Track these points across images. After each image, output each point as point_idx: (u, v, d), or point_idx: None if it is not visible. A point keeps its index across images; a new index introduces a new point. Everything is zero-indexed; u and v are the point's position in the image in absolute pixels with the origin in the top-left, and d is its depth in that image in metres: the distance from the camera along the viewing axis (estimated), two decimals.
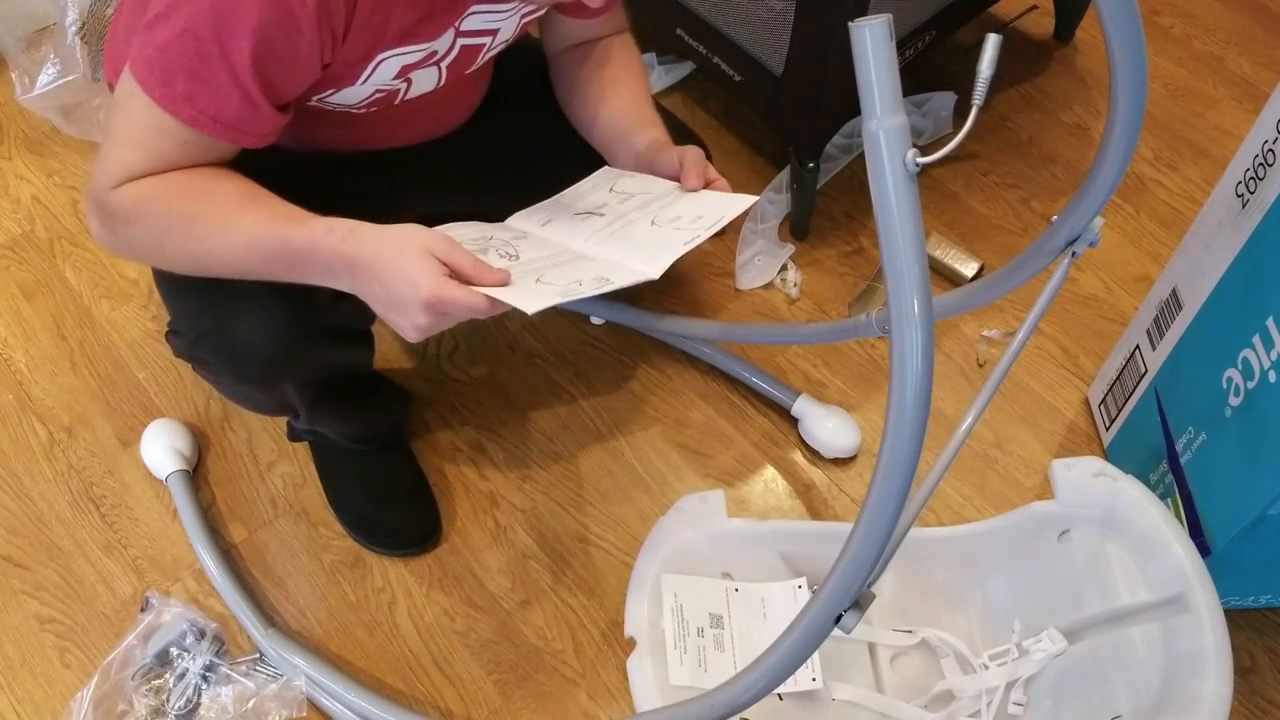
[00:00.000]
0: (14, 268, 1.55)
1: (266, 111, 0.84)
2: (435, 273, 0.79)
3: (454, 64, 0.98)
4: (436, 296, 0.79)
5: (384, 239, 0.82)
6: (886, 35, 0.64)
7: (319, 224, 0.84)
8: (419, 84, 0.97)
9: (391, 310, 0.82)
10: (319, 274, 0.85)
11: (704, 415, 1.43)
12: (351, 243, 0.82)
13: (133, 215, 0.86)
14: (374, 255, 0.81)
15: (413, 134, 1.12)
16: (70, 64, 1.62)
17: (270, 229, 0.84)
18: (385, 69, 0.91)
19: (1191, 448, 1.16)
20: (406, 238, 0.81)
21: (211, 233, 0.85)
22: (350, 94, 0.93)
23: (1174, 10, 1.97)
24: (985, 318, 1.53)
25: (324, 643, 1.23)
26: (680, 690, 1.09)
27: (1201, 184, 1.70)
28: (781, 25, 1.37)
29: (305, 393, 1.09)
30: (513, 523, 1.33)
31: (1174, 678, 1.00)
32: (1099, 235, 0.89)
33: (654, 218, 0.94)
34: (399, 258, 0.80)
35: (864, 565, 0.76)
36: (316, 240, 0.83)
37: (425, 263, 0.79)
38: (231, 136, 0.85)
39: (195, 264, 0.89)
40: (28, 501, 1.33)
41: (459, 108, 1.15)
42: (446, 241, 0.82)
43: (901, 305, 0.67)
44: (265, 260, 0.85)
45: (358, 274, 0.82)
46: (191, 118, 0.82)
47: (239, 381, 1.03)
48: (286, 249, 0.84)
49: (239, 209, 0.85)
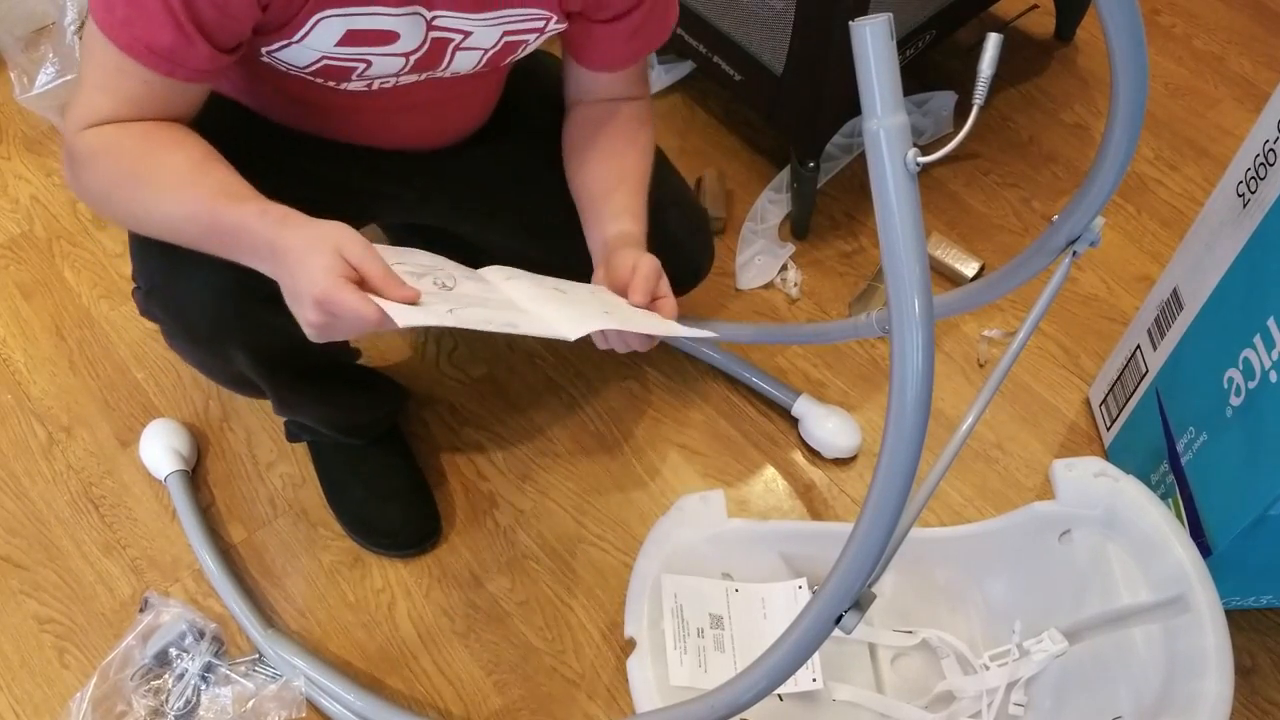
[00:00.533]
0: (13, 268, 1.55)
1: (201, 47, 0.85)
2: (333, 273, 0.79)
3: (422, 59, 0.97)
4: (326, 296, 0.78)
5: (306, 231, 0.82)
6: (887, 34, 0.64)
7: (254, 205, 0.84)
8: (380, 67, 0.95)
9: (292, 301, 0.82)
10: (247, 254, 0.85)
11: (704, 415, 1.42)
12: (277, 229, 0.82)
13: (88, 161, 0.88)
14: (290, 245, 0.81)
15: (395, 138, 1.11)
16: (69, 63, 1.62)
17: (207, 204, 0.85)
18: (325, 31, 0.90)
19: (1192, 448, 1.16)
20: (324, 234, 0.81)
21: (153, 198, 0.87)
22: (294, 54, 0.92)
23: (1175, 9, 1.97)
24: (986, 318, 1.53)
25: (323, 643, 1.23)
26: (680, 691, 1.09)
27: (1202, 183, 1.70)
28: (781, 25, 1.37)
29: (259, 364, 1.07)
30: (513, 523, 1.32)
31: (1175, 678, 1.00)
32: (1100, 235, 0.89)
33: (607, 308, 0.93)
34: (308, 252, 0.80)
35: (864, 566, 0.76)
36: (248, 221, 0.83)
37: (328, 261, 0.79)
38: (166, 68, 0.85)
39: (138, 224, 0.90)
40: (26, 502, 1.33)
41: (447, 124, 1.13)
42: (362, 247, 0.81)
43: (902, 305, 0.67)
44: (199, 232, 0.86)
45: (276, 260, 0.82)
46: (128, 44, 0.83)
47: (190, 343, 1.04)
48: (219, 225, 0.84)
49: (183, 178, 0.86)
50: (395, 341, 1.48)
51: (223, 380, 1.17)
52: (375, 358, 1.46)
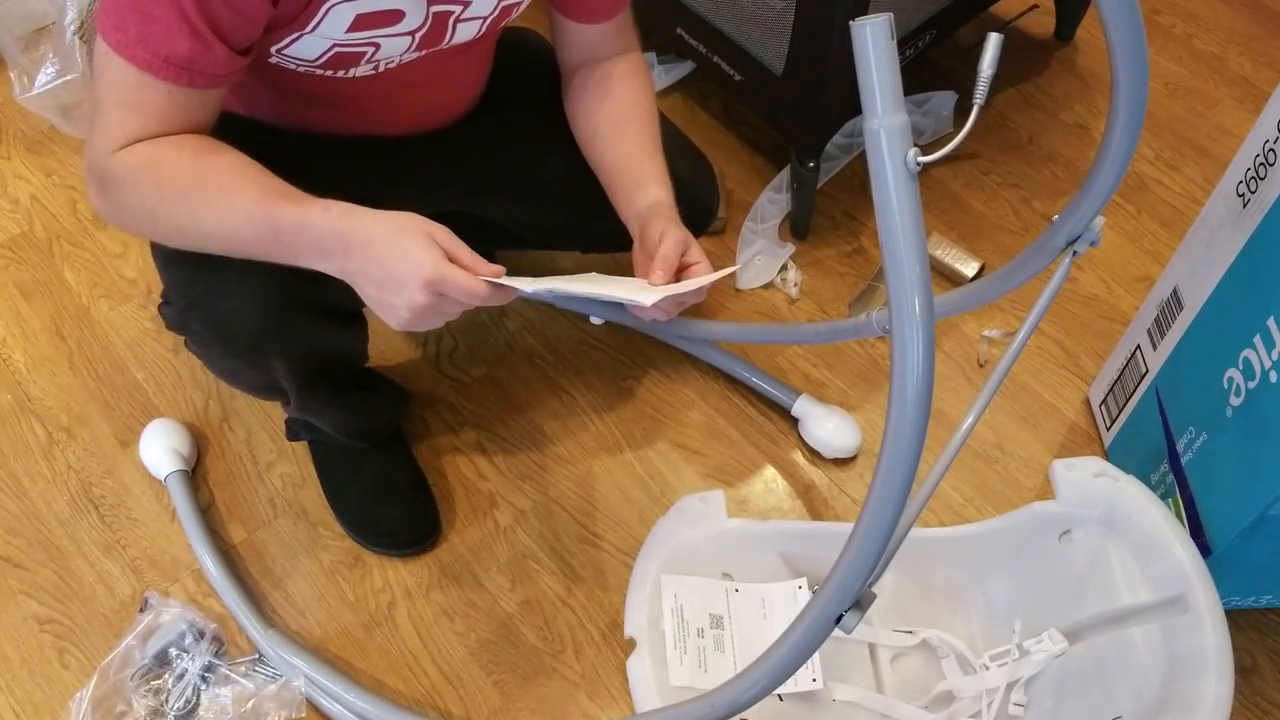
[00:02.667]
0: (13, 268, 1.55)
1: (219, 50, 0.84)
2: (437, 253, 0.81)
3: (427, 35, 0.97)
4: (439, 275, 0.80)
5: (384, 219, 0.83)
6: (887, 34, 0.64)
7: (314, 203, 0.84)
8: (388, 49, 0.95)
9: (387, 290, 0.82)
10: (309, 253, 0.85)
11: (704, 415, 1.42)
12: (349, 220, 0.83)
13: (128, 185, 0.86)
14: (373, 233, 0.82)
15: (402, 119, 1.11)
16: (69, 63, 1.62)
17: (262, 205, 0.84)
18: (336, 18, 0.90)
19: (1192, 448, 1.16)
20: (408, 220, 0.83)
21: (203, 208, 0.86)
22: (306, 46, 0.91)
23: (1175, 9, 1.97)
24: (986, 318, 1.53)
25: (323, 643, 1.23)
26: (680, 691, 1.09)
27: (1202, 183, 1.70)
28: (781, 25, 1.37)
29: (294, 373, 1.07)
30: (513, 523, 1.32)
31: (1175, 678, 1.00)
32: (1100, 235, 0.89)
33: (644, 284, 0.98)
34: (401, 236, 0.81)
35: (865, 565, 0.76)
36: (311, 217, 0.83)
37: (427, 243, 0.81)
38: (186, 78, 0.84)
39: (185, 239, 0.89)
40: (26, 501, 1.33)
41: (450, 96, 1.14)
42: (447, 231, 0.83)
43: (902, 305, 0.67)
44: (256, 237, 0.85)
45: (353, 252, 0.82)
46: (146, 61, 0.82)
47: (227, 355, 1.03)
48: (278, 225, 0.84)
49: (232, 185, 0.86)
50: (395, 341, 1.48)
51: (249, 388, 1.17)
52: (375, 359, 1.46)
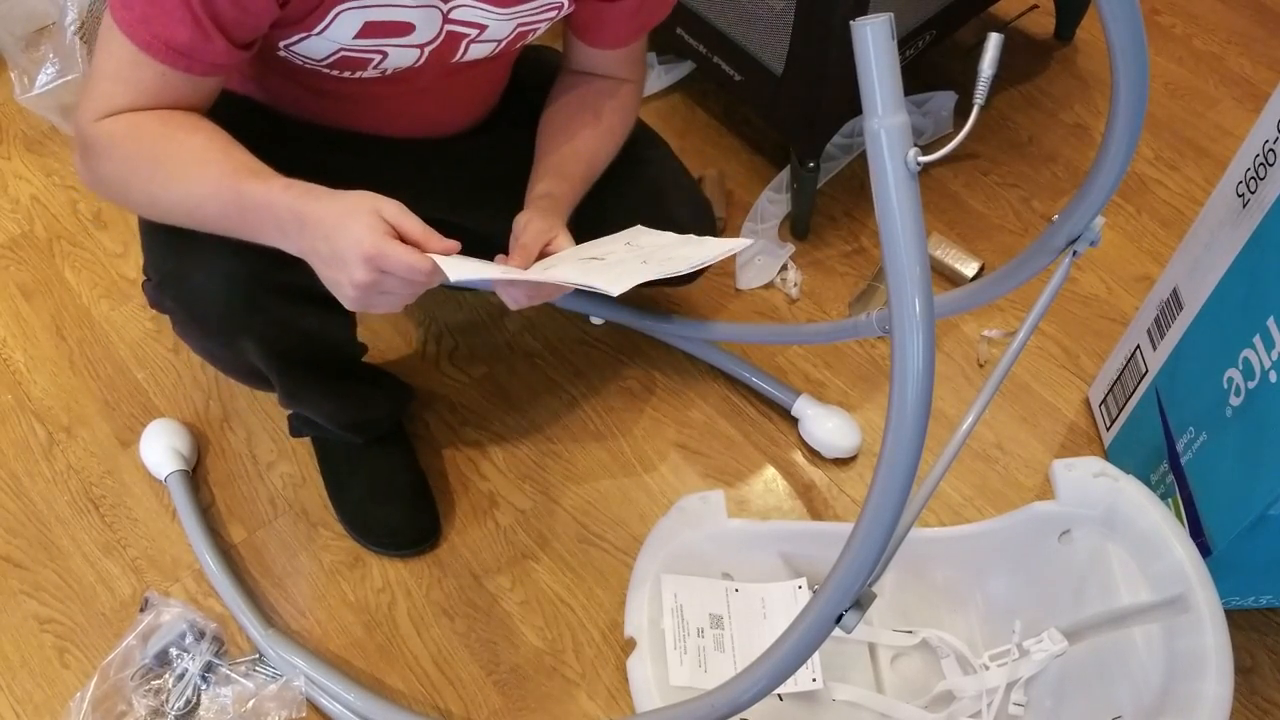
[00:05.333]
0: (13, 268, 1.55)
1: (219, 42, 0.86)
2: (379, 230, 0.81)
3: (437, 51, 0.97)
4: (378, 250, 0.80)
5: (337, 198, 0.83)
6: (888, 34, 0.64)
7: (278, 181, 0.85)
8: (395, 59, 0.96)
9: (333, 267, 0.83)
10: (269, 230, 0.86)
11: (704, 415, 1.42)
12: (306, 199, 0.83)
13: (105, 150, 0.88)
14: (324, 213, 0.83)
15: (406, 124, 1.11)
16: (69, 63, 1.62)
17: (229, 181, 0.85)
18: (344, 23, 0.90)
19: (1192, 448, 1.16)
20: (358, 198, 0.83)
21: (172, 179, 0.87)
22: (313, 46, 0.93)
23: (1175, 9, 1.97)
24: (986, 318, 1.53)
25: (323, 643, 1.23)
26: (680, 691, 1.09)
27: (1202, 184, 1.70)
28: (781, 25, 1.37)
29: (268, 355, 1.07)
30: (513, 523, 1.32)
31: (1175, 678, 1.00)
32: (1100, 235, 0.89)
33: (646, 258, 0.95)
34: (347, 215, 0.82)
35: (865, 565, 0.76)
36: (272, 195, 0.84)
37: (370, 220, 0.82)
38: (184, 64, 0.86)
39: (156, 209, 0.91)
40: (27, 501, 1.33)
41: (457, 108, 1.14)
42: (396, 206, 0.84)
43: (902, 305, 0.67)
44: (221, 211, 0.86)
45: (305, 230, 0.83)
46: (146, 41, 0.84)
47: (203, 334, 1.04)
48: (241, 201, 0.85)
49: (203, 158, 0.87)
50: (395, 341, 1.48)
51: (231, 371, 1.17)
52: (375, 357, 1.46)
